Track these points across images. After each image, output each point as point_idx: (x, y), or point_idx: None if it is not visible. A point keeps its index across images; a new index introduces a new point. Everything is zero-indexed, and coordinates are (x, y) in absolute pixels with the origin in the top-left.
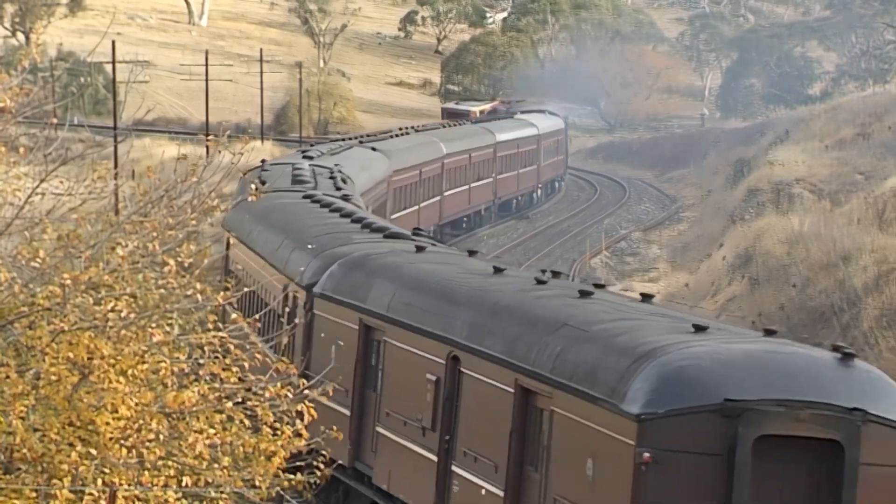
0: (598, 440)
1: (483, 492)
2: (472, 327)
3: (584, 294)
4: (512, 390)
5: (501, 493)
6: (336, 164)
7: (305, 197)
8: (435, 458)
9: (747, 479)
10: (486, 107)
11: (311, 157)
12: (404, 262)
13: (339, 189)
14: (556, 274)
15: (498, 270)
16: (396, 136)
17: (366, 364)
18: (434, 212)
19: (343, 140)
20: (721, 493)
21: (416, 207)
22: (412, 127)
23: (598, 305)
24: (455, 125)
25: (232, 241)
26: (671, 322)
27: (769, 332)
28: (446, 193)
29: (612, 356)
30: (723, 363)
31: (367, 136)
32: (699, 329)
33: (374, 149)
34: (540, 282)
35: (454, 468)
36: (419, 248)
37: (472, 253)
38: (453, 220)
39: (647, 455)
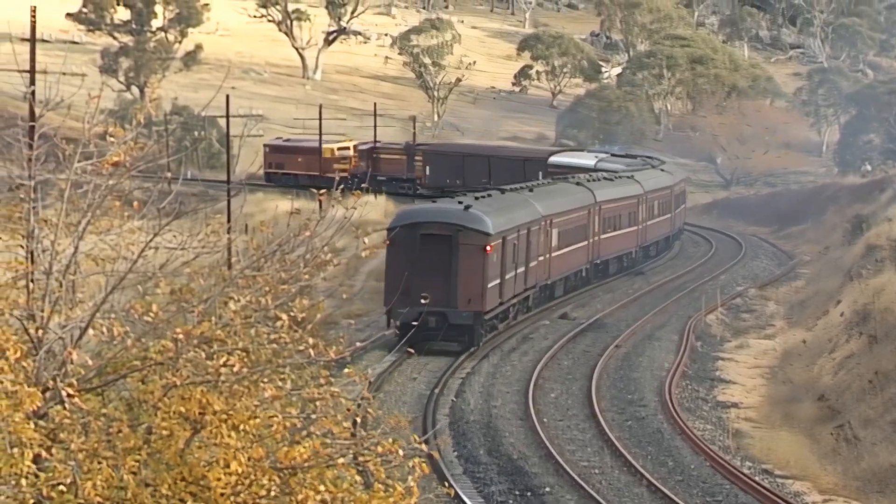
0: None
1: None
2: None
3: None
4: None
5: None
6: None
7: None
8: None
9: (417, 251)
10: (349, 144)
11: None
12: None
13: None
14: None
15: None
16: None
17: None
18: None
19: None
20: (415, 255)
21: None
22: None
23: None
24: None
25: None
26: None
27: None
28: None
29: None
30: (422, 210)
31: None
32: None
33: (662, 170)
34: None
35: None
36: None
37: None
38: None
39: (386, 240)
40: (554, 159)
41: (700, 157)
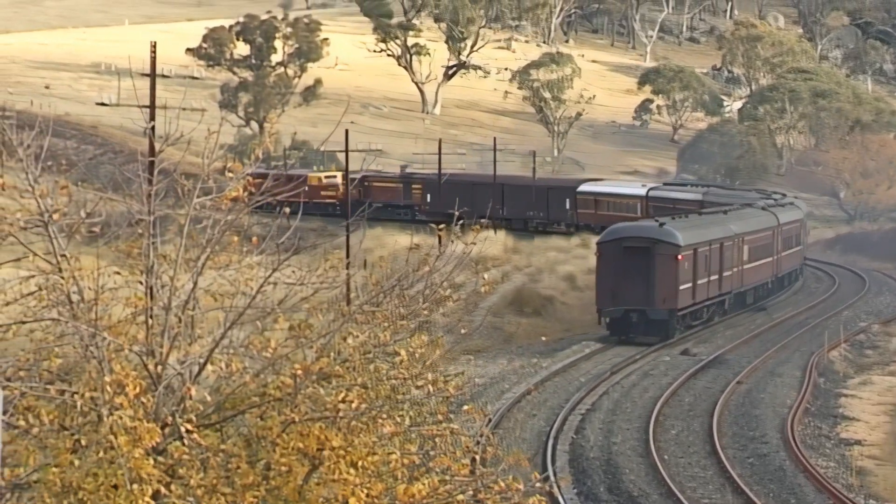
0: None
1: None
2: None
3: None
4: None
5: None
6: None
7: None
8: None
9: (621, 258)
10: (337, 173)
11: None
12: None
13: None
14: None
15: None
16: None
17: None
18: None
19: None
20: (620, 263)
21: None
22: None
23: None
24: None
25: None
26: (653, 221)
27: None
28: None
29: None
30: (625, 227)
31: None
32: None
33: (793, 203)
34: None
35: None
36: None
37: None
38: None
39: (596, 252)
40: (584, 188)
41: (823, 191)
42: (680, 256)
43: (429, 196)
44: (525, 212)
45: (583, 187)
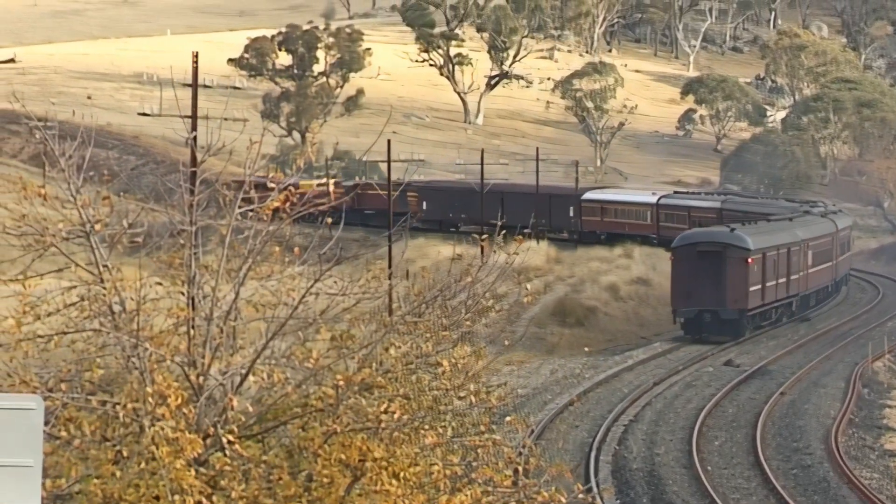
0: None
1: None
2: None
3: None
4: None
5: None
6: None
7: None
8: None
9: (695, 261)
10: (330, 181)
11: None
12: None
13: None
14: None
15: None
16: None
17: None
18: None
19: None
20: (693, 266)
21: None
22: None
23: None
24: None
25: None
26: (725, 227)
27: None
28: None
29: None
30: (698, 233)
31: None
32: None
33: (838, 211)
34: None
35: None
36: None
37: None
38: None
39: (671, 256)
40: (590, 195)
41: (867, 201)
42: (750, 260)
43: (425, 204)
44: (526, 219)
45: (588, 195)
